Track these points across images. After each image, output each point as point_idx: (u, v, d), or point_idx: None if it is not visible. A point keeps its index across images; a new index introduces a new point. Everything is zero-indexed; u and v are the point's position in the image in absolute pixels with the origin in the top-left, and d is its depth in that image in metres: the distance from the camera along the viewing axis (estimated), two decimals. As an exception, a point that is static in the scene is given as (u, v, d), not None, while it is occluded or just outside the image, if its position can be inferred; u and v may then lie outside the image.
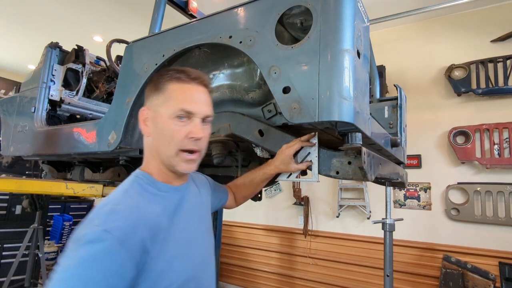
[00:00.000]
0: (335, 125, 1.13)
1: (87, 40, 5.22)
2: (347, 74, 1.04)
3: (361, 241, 4.11)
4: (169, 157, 0.87)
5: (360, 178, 1.13)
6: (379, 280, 3.86)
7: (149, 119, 0.90)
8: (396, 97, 2.12)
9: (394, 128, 2.08)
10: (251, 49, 1.22)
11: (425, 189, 3.86)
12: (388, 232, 2.36)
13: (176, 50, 1.48)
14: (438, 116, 3.89)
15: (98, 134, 1.84)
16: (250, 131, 1.37)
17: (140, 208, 0.79)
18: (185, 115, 0.87)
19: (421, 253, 3.76)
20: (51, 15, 4.65)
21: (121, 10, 4.47)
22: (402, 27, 4.30)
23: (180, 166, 0.88)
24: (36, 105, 2.67)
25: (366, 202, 4.07)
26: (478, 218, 3.48)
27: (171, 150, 0.87)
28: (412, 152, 3.85)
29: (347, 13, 1.08)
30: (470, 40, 3.83)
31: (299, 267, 4.50)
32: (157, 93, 0.89)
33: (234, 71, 1.55)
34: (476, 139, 3.58)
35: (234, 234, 5.12)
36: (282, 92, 1.13)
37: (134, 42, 1.75)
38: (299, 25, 1.28)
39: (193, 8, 2.51)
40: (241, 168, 1.72)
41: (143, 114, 0.91)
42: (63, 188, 2.27)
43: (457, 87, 3.72)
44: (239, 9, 1.31)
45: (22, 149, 2.65)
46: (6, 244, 4.20)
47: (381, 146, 1.55)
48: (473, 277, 3.27)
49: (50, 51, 2.82)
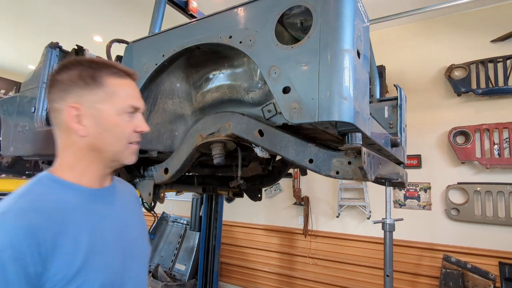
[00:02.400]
0: (335, 125, 1.13)
1: (87, 40, 5.23)
2: (347, 74, 1.04)
3: (361, 241, 4.11)
4: (117, 152, 0.87)
5: (360, 178, 1.13)
6: (379, 280, 3.86)
7: (86, 117, 0.82)
8: (396, 97, 2.12)
9: (394, 128, 2.08)
10: (251, 49, 1.23)
11: (425, 189, 3.86)
12: (388, 232, 2.36)
13: (176, 50, 1.48)
14: (438, 116, 3.89)
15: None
16: (250, 131, 1.37)
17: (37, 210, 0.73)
18: (133, 110, 0.88)
19: (421, 253, 3.76)
20: (51, 15, 4.65)
21: (121, 10, 4.47)
22: (402, 27, 4.30)
23: (128, 158, 0.89)
24: (36, 105, 2.66)
25: (366, 202, 4.07)
26: (478, 218, 3.48)
27: (121, 145, 0.86)
28: (412, 152, 3.85)
29: (347, 13, 1.08)
30: (470, 40, 3.83)
31: (299, 267, 4.50)
32: (93, 89, 0.82)
33: (234, 71, 1.55)
34: (476, 139, 3.58)
35: (234, 234, 5.12)
36: (282, 92, 1.13)
37: (134, 42, 1.75)
38: (299, 25, 1.28)
39: (193, 8, 2.51)
40: (241, 168, 1.71)
41: (72, 111, 0.81)
42: (63, 188, 2.27)
43: (457, 87, 3.72)
44: (239, 9, 1.31)
45: (22, 149, 2.65)
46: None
47: (381, 146, 1.56)
48: (473, 277, 3.27)
49: (50, 51, 2.82)
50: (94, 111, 0.82)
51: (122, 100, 0.85)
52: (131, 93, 0.88)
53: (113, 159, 0.87)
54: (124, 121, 0.85)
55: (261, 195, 2.58)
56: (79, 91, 0.82)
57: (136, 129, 0.88)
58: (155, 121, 1.74)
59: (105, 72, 0.85)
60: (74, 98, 0.82)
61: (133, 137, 0.88)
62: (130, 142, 0.88)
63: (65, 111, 0.81)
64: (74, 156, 0.84)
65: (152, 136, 1.75)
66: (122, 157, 0.88)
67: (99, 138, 0.83)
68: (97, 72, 0.84)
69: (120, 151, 0.87)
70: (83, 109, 0.82)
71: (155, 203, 2.15)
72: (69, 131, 0.83)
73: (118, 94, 0.85)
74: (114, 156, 0.87)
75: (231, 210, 5.05)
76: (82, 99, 0.82)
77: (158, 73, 1.60)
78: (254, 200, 2.56)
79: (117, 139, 0.85)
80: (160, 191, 1.92)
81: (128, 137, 0.87)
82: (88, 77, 0.82)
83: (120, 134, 0.85)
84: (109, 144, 0.85)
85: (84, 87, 0.82)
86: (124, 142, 0.86)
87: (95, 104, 0.82)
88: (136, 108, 0.88)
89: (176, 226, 5.50)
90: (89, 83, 0.82)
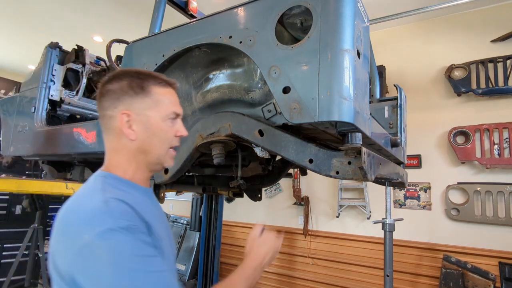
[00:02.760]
0: (335, 125, 1.13)
1: (87, 40, 5.22)
2: (347, 74, 1.04)
3: (361, 241, 4.11)
4: (160, 155, 0.95)
5: (360, 178, 1.13)
6: (379, 280, 3.86)
7: (135, 122, 0.90)
8: (396, 97, 2.12)
9: (394, 128, 2.08)
10: (251, 49, 1.23)
11: (425, 189, 3.86)
12: (388, 232, 2.36)
13: (176, 50, 1.48)
14: (438, 116, 3.89)
15: (98, 134, 1.84)
16: (250, 131, 1.37)
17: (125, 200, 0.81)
18: (174, 116, 0.96)
19: (421, 253, 3.76)
20: (51, 15, 4.65)
21: (121, 10, 4.47)
22: (402, 27, 4.30)
23: (168, 162, 0.98)
24: (36, 105, 2.66)
25: (366, 202, 4.07)
26: (478, 218, 3.48)
27: (164, 148, 0.94)
28: (412, 152, 3.85)
29: (347, 13, 1.08)
30: (470, 40, 3.83)
31: (299, 267, 4.50)
32: (141, 97, 0.91)
33: (234, 71, 1.55)
34: (476, 139, 3.58)
35: (234, 234, 5.12)
36: (282, 92, 1.13)
37: (134, 42, 1.75)
38: (299, 25, 1.28)
39: (193, 8, 2.51)
40: (241, 168, 1.71)
41: (124, 117, 0.90)
42: (63, 188, 2.27)
43: (457, 87, 3.72)
44: (239, 9, 1.31)
45: (22, 149, 2.66)
46: (6, 244, 4.20)
47: (381, 146, 1.56)
48: (473, 277, 3.27)
49: (50, 51, 2.82)
50: (143, 117, 0.91)
51: (166, 107, 0.94)
52: (173, 101, 0.97)
53: (156, 162, 0.96)
54: (167, 126, 0.94)
55: (261, 195, 2.58)
56: (130, 99, 0.90)
57: (177, 133, 0.97)
58: (155, 121, 1.74)
59: (151, 82, 0.94)
60: (125, 105, 0.90)
61: (174, 141, 0.97)
62: (171, 147, 0.96)
63: (118, 118, 0.90)
64: (126, 158, 0.93)
65: (152, 136, 1.75)
66: (163, 160, 0.96)
67: (147, 141, 0.92)
68: (144, 82, 0.93)
69: (163, 155, 0.95)
70: (133, 115, 0.90)
71: (155, 203, 2.15)
72: (121, 135, 0.91)
73: (163, 102, 0.94)
74: (157, 159, 0.95)
75: (231, 210, 5.05)
76: (132, 106, 0.90)
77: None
78: (254, 200, 2.56)
79: (161, 143, 0.94)
80: (160, 191, 1.92)
81: (170, 141, 0.96)
82: (137, 87, 0.91)
83: (164, 138, 0.94)
84: (155, 147, 0.93)
85: (134, 96, 0.91)
86: (166, 146, 0.95)
87: (144, 111, 0.91)
88: (177, 114, 0.97)
89: (176, 226, 5.50)
90: (138, 92, 0.91)
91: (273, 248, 1.04)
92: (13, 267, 3.38)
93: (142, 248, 0.73)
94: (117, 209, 0.75)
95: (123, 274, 0.68)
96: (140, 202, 0.86)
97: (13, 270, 3.38)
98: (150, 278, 0.71)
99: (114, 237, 0.70)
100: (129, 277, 0.68)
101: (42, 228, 3.56)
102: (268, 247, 1.03)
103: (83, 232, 0.71)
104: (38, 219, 3.56)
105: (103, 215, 0.73)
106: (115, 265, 0.68)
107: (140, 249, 0.72)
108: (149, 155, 0.93)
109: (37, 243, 3.55)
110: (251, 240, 1.06)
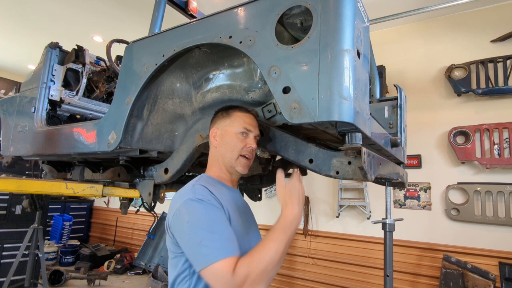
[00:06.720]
0: (335, 125, 1.13)
1: (87, 40, 5.23)
2: (347, 74, 1.04)
3: (361, 241, 4.11)
4: (231, 159, 1.26)
5: (360, 178, 1.13)
6: (379, 280, 3.87)
7: (218, 135, 1.29)
8: (396, 97, 2.12)
9: (394, 128, 2.08)
10: (251, 49, 1.22)
11: (425, 189, 3.86)
12: (388, 232, 2.36)
13: (176, 50, 1.48)
14: (438, 116, 3.89)
15: (98, 134, 1.84)
16: (250, 131, 1.36)
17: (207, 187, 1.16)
18: (246, 132, 1.26)
19: (421, 253, 3.76)
20: (51, 15, 4.65)
21: (121, 10, 4.47)
22: (402, 27, 4.30)
23: (239, 167, 1.26)
24: (36, 105, 2.66)
25: (366, 202, 4.07)
26: (478, 218, 3.48)
27: (234, 155, 1.25)
28: (412, 152, 3.85)
29: (347, 13, 1.08)
30: (470, 40, 3.83)
31: (299, 267, 4.50)
32: (226, 118, 1.30)
33: (234, 71, 1.55)
34: (476, 139, 3.58)
35: (234, 234, 5.11)
36: (282, 92, 1.13)
37: (134, 42, 1.75)
38: (299, 25, 1.28)
39: (193, 8, 2.51)
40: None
41: (213, 132, 1.31)
42: (63, 188, 2.27)
43: (457, 87, 3.72)
44: (239, 9, 1.31)
45: (22, 149, 2.65)
46: (6, 244, 4.20)
47: (381, 146, 1.56)
48: (473, 277, 3.27)
49: (50, 51, 2.82)
50: (223, 131, 1.29)
51: (239, 124, 1.27)
52: (247, 121, 1.28)
53: (230, 165, 1.27)
54: (239, 138, 1.26)
55: (261, 195, 2.58)
56: (219, 120, 1.32)
57: (247, 145, 1.26)
58: (155, 121, 1.74)
59: (235, 109, 1.32)
60: (215, 125, 1.32)
61: (243, 150, 1.26)
62: (242, 155, 1.25)
63: (210, 132, 1.33)
64: (213, 162, 1.32)
65: (152, 136, 1.75)
66: (235, 165, 1.26)
67: (223, 148, 1.28)
68: (230, 109, 1.32)
69: (233, 159, 1.26)
70: (217, 130, 1.30)
71: (155, 203, 2.16)
72: (211, 145, 1.33)
73: (238, 121, 1.27)
74: (230, 163, 1.27)
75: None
76: (218, 125, 1.31)
77: (158, 73, 1.60)
78: (254, 200, 2.56)
79: (232, 150, 1.25)
80: (160, 191, 1.92)
81: (240, 150, 1.25)
82: (227, 113, 1.31)
83: (234, 146, 1.25)
84: (227, 152, 1.26)
85: (222, 118, 1.32)
86: (236, 153, 1.25)
87: (224, 127, 1.29)
88: (248, 130, 1.27)
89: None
90: (224, 116, 1.31)
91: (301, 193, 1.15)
92: (13, 267, 3.38)
93: (211, 212, 1.05)
94: (198, 190, 1.12)
95: (196, 229, 1.01)
96: (222, 192, 1.18)
97: (13, 270, 3.38)
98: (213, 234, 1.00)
99: (192, 204, 1.07)
100: (199, 233, 1.00)
101: (42, 228, 3.57)
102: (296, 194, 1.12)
103: (177, 202, 1.10)
104: (38, 219, 3.56)
105: (189, 191, 1.12)
106: (190, 223, 1.03)
107: (209, 213, 1.05)
108: (225, 159, 1.27)
109: (37, 243, 3.56)
110: (280, 190, 1.16)
